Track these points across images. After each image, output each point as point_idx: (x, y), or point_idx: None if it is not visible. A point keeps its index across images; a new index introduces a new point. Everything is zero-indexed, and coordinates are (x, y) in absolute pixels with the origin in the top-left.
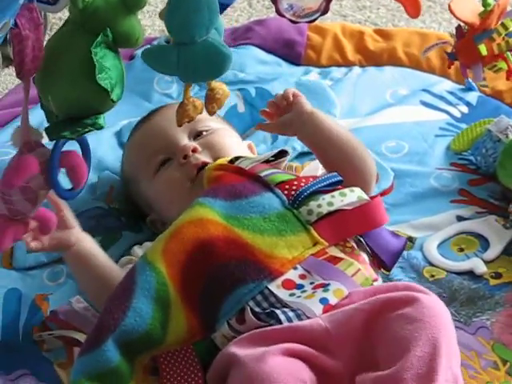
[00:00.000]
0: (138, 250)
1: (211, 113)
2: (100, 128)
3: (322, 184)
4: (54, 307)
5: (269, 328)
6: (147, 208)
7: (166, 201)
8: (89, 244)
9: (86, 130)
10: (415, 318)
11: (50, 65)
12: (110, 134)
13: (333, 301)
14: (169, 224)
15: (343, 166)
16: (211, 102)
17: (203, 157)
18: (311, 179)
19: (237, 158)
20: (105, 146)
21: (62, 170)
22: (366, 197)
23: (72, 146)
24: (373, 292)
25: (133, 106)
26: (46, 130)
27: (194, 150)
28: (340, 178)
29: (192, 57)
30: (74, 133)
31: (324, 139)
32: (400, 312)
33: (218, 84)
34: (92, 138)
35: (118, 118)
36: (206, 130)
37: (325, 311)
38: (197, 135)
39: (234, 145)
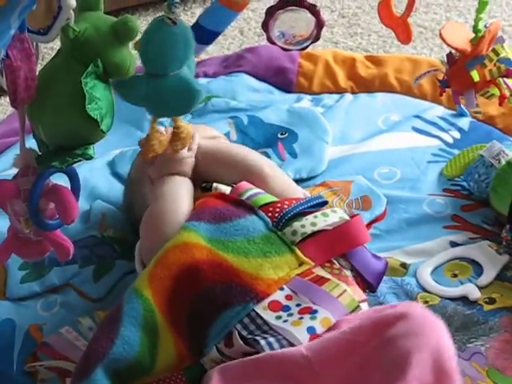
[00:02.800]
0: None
1: (175, 151)
2: (89, 158)
3: (306, 206)
4: (48, 337)
5: (247, 359)
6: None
7: None
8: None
9: (76, 160)
10: (408, 333)
11: (40, 94)
12: (102, 164)
13: (320, 330)
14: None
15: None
16: (176, 140)
17: None
18: (294, 201)
19: (210, 185)
20: (97, 175)
21: None
22: (347, 217)
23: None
24: (359, 317)
25: (125, 136)
26: (36, 159)
27: None
28: (324, 200)
29: (162, 89)
30: (63, 162)
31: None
32: (390, 332)
33: (183, 123)
34: (84, 167)
35: (110, 148)
36: None
37: (310, 340)
38: None
39: None
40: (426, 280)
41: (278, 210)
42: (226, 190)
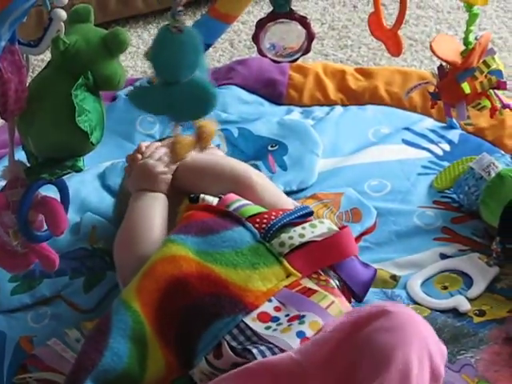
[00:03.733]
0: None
1: (202, 150)
2: (79, 170)
3: (293, 216)
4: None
5: (238, 370)
6: None
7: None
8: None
9: (65, 172)
10: (390, 328)
11: (30, 106)
12: (93, 176)
13: (309, 333)
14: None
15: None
16: (200, 140)
17: None
18: (281, 212)
19: (197, 197)
20: (88, 187)
21: None
22: (335, 228)
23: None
24: (345, 315)
25: (115, 148)
26: (26, 171)
27: None
28: (310, 210)
29: (178, 96)
30: (52, 175)
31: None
32: (372, 327)
33: (204, 122)
34: (75, 179)
35: (101, 160)
36: None
37: (301, 343)
38: None
39: None
40: (416, 292)
41: (265, 221)
42: (214, 201)
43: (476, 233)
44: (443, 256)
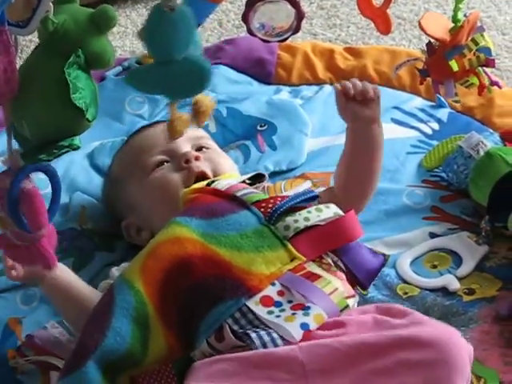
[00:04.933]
0: (116, 273)
1: (199, 125)
2: (76, 148)
3: (298, 200)
4: (28, 330)
5: (243, 353)
6: (126, 211)
7: (154, 200)
8: (65, 274)
9: (63, 151)
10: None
11: (23, 90)
12: (81, 156)
13: (313, 326)
14: (146, 230)
15: (359, 183)
16: (197, 115)
17: (204, 167)
18: (286, 197)
19: (212, 182)
20: (77, 167)
21: None
22: (341, 212)
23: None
24: (358, 324)
25: (104, 128)
26: (22, 155)
27: (197, 158)
28: (315, 194)
29: (173, 75)
30: (50, 154)
31: (367, 151)
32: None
33: (201, 97)
34: (64, 159)
35: (90, 140)
36: (207, 148)
37: (304, 336)
38: (198, 149)
39: (229, 167)
40: (405, 271)
41: (270, 205)
42: (223, 187)
43: (465, 211)
44: (432, 235)
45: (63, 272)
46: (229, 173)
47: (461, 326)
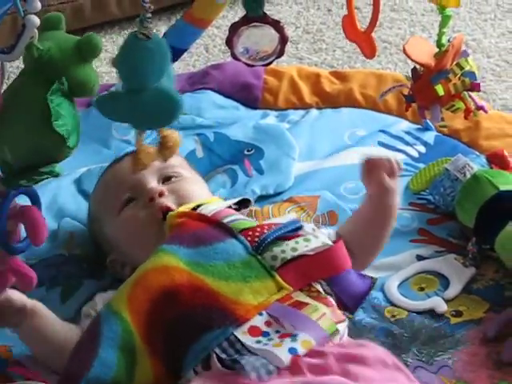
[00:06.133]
0: (100, 301)
1: (164, 160)
2: (56, 175)
3: (285, 230)
4: (17, 357)
5: None
6: (109, 248)
7: (127, 239)
8: (38, 316)
9: (43, 177)
10: None
11: (5, 115)
12: (69, 182)
13: (301, 351)
14: (129, 265)
15: (372, 245)
16: (163, 150)
17: (168, 201)
18: (273, 226)
19: (199, 206)
20: (64, 193)
21: None
22: (329, 242)
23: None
24: (350, 356)
25: (92, 153)
26: (3, 180)
27: (161, 194)
28: (300, 225)
29: (143, 104)
30: (30, 181)
31: (383, 218)
32: None
33: (169, 132)
34: (52, 185)
35: (77, 165)
36: (176, 176)
37: (293, 361)
38: (166, 179)
39: (200, 193)
40: (393, 294)
41: (257, 234)
42: (209, 212)
43: (452, 234)
44: (420, 257)
45: (37, 314)
46: (200, 200)
47: (448, 348)
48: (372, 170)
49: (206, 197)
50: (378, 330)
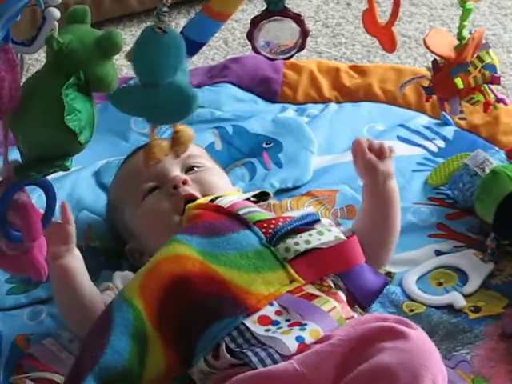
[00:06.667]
0: (118, 281)
1: (176, 155)
2: (66, 169)
3: (300, 223)
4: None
5: (242, 375)
6: (128, 236)
7: (148, 228)
8: (78, 262)
9: (53, 170)
10: (401, 349)
11: (22, 105)
12: (88, 174)
13: (308, 340)
14: (147, 254)
15: (378, 242)
16: (176, 145)
17: (192, 190)
18: (288, 218)
19: (217, 198)
20: (83, 185)
21: None
22: (343, 237)
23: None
24: (351, 326)
25: (110, 146)
26: (15, 168)
27: (185, 182)
28: (317, 218)
29: (158, 98)
30: (40, 173)
31: (383, 205)
32: (382, 344)
33: (182, 127)
34: (70, 178)
35: (96, 158)
36: (198, 167)
37: (299, 349)
38: (188, 169)
39: (222, 184)
40: (411, 289)
41: (272, 226)
42: (226, 204)
43: (471, 229)
44: (438, 252)
45: (77, 260)
46: (223, 191)
47: (467, 344)
48: (357, 150)
49: (228, 188)
50: None
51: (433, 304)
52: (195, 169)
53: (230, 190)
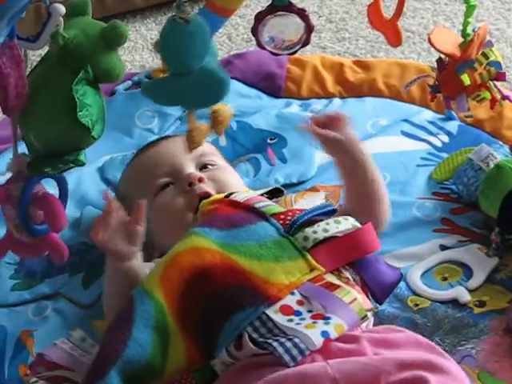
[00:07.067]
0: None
1: (219, 133)
2: (81, 165)
3: (316, 212)
4: (39, 343)
5: (276, 375)
6: None
7: (160, 224)
8: (140, 264)
9: (68, 166)
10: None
11: (30, 102)
12: (92, 170)
13: (333, 335)
14: (157, 250)
15: (364, 203)
16: (216, 125)
17: (208, 188)
18: (304, 210)
19: (231, 194)
20: (87, 181)
21: None
22: (358, 225)
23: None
24: (383, 341)
25: (114, 142)
26: (28, 165)
27: (201, 180)
28: (333, 208)
29: (191, 85)
30: (55, 169)
31: (360, 174)
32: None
33: (219, 106)
34: (74, 174)
35: (100, 154)
36: (212, 165)
37: (325, 347)
38: (202, 167)
39: (236, 183)
40: (416, 283)
41: (289, 217)
42: (241, 199)
43: (475, 224)
44: (443, 247)
45: (139, 262)
46: (236, 190)
47: (472, 338)
48: (317, 134)
49: (241, 187)
50: (400, 319)
51: (437, 299)
52: (209, 167)
53: (242, 189)
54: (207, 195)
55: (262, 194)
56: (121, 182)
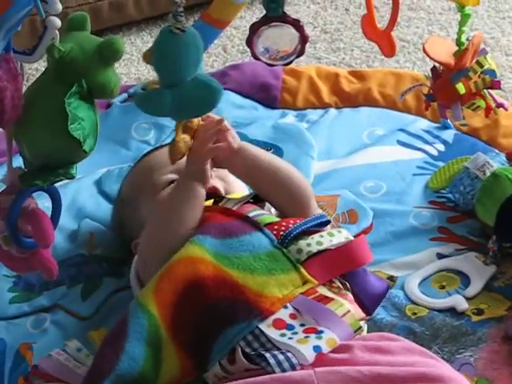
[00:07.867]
0: None
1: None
2: (71, 177)
3: (310, 224)
4: (38, 355)
5: (259, 378)
6: (139, 229)
7: None
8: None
9: (58, 178)
10: None
11: (24, 113)
12: (89, 183)
13: (325, 350)
14: None
15: (279, 193)
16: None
17: (216, 183)
18: (299, 220)
19: (220, 200)
20: (84, 194)
21: None
22: (351, 237)
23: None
24: (375, 349)
25: (111, 154)
26: (20, 177)
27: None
28: (327, 219)
29: (184, 96)
30: (45, 181)
31: (255, 170)
32: None
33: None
34: (72, 186)
35: (97, 166)
36: (218, 167)
37: (317, 359)
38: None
39: (241, 185)
40: (413, 292)
41: (283, 228)
42: (233, 207)
43: (472, 232)
44: (440, 256)
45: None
46: (241, 191)
47: (470, 346)
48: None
49: (244, 190)
50: (398, 328)
51: (435, 307)
52: (214, 168)
53: (245, 192)
54: (215, 190)
55: (248, 201)
56: (125, 183)
